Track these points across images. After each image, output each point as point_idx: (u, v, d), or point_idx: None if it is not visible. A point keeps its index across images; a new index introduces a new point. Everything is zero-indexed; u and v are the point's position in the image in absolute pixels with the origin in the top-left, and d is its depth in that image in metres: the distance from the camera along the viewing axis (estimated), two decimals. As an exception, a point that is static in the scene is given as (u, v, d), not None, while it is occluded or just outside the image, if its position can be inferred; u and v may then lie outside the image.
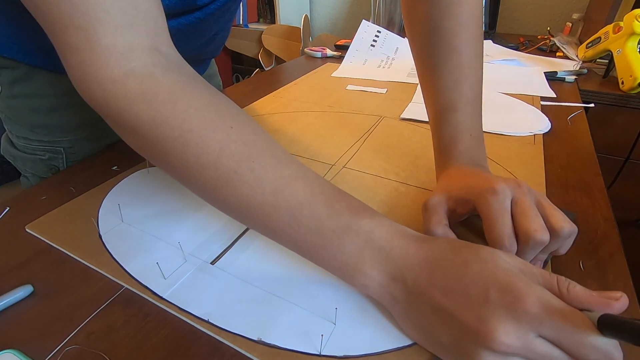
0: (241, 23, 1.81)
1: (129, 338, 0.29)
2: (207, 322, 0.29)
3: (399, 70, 0.93)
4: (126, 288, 0.33)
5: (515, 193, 0.30)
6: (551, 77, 0.86)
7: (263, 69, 1.81)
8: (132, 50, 0.27)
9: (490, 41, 1.14)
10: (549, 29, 1.20)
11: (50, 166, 0.54)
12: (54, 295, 0.32)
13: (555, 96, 0.75)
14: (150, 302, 0.31)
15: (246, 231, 0.38)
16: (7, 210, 0.42)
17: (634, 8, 0.92)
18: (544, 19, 1.40)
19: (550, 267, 0.34)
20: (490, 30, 1.31)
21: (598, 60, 0.98)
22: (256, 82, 0.85)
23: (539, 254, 0.30)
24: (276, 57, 1.79)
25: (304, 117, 0.66)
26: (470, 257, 0.26)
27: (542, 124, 0.62)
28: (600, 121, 0.90)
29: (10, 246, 0.37)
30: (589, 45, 0.94)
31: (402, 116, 0.65)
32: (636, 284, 0.33)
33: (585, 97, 0.85)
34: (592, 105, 0.78)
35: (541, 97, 0.74)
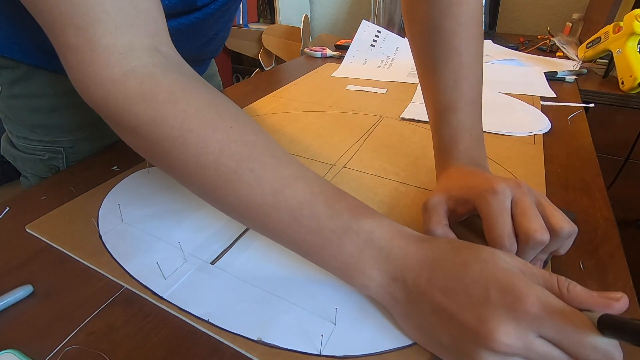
0: (241, 23, 1.81)
1: (129, 338, 0.29)
2: (207, 322, 0.29)
3: (399, 70, 0.93)
4: (126, 288, 0.33)
5: (515, 193, 0.30)
6: (551, 77, 0.86)
7: (263, 69, 1.81)
8: (132, 50, 0.27)
9: (490, 41, 1.14)
10: (549, 29, 1.20)
11: (50, 166, 0.54)
12: (54, 295, 0.32)
13: (555, 96, 0.75)
14: (150, 302, 0.31)
15: (246, 231, 0.38)
16: (7, 210, 0.42)
17: (634, 8, 0.92)
18: (544, 19, 1.40)
19: (550, 267, 0.34)
20: (490, 30, 1.31)
21: (598, 60, 0.98)
22: (256, 82, 0.85)
23: (539, 254, 0.30)
24: (276, 57, 1.79)
25: (304, 117, 0.66)
26: (471, 257, 0.26)
27: (542, 124, 0.62)
28: (600, 121, 0.90)
29: (10, 246, 0.37)
30: (589, 45, 0.94)
31: (402, 116, 0.65)
32: (636, 284, 0.33)
33: (585, 97, 0.85)
34: (592, 105, 0.78)
35: (541, 97, 0.74)
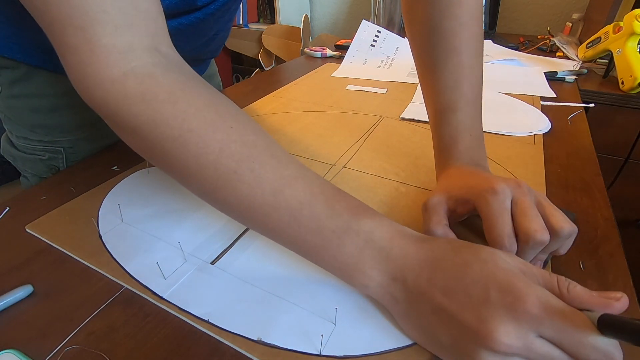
0: (241, 23, 1.81)
1: (129, 338, 0.29)
2: (207, 322, 0.29)
3: (399, 70, 0.93)
4: (126, 288, 0.33)
5: (515, 193, 0.30)
6: (551, 77, 0.86)
7: (263, 69, 1.81)
8: (131, 51, 0.27)
9: (490, 41, 1.14)
10: (549, 29, 1.20)
11: (50, 166, 0.54)
12: (54, 295, 0.32)
13: (555, 96, 0.75)
14: (150, 302, 0.31)
15: (246, 231, 0.38)
16: (7, 210, 0.42)
17: (634, 8, 0.92)
18: (544, 19, 1.40)
19: (550, 267, 0.34)
20: (490, 30, 1.31)
21: (598, 60, 0.98)
22: (256, 82, 0.85)
23: (539, 254, 0.30)
24: (276, 57, 1.79)
25: (304, 117, 0.66)
26: (471, 257, 0.26)
27: (542, 124, 0.62)
28: (600, 121, 0.90)
29: (10, 246, 0.37)
30: (589, 45, 0.94)
31: (402, 116, 0.65)
32: (636, 284, 0.33)
33: (585, 97, 0.85)
34: (592, 105, 0.78)
35: (541, 97, 0.74)
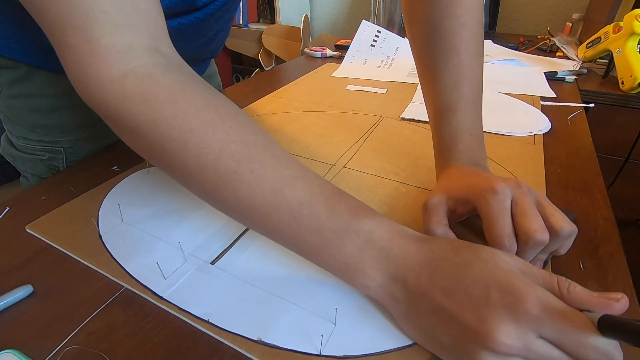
0: (241, 23, 1.81)
1: (129, 338, 0.29)
2: (207, 322, 0.29)
3: (399, 70, 0.93)
4: (126, 288, 0.33)
5: (515, 193, 0.30)
6: (551, 77, 0.86)
7: (263, 69, 1.81)
8: (131, 51, 0.27)
9: (490, 41, 1.14)
10: (549, 29, 1.20)
11: (50, 166, 0.54)
12: (54, 295, 0.32)
13: (555, 96, 0.75)
14: (150, 302, 0.31)
15: (246, 231, 0.38)
16: (7, 210, 0.42)
17: (634, 8, 0.92)
18: (544, 19, 1.40)
19: (550, 267, 0.34)
20: (490, 30, 1.30)
21: (598, 60, 0.98)
22: (256, 82, 0.85)
23: (539, 254, 0.30)
24: (276, 57, 1.79)
25: (304, 117, 0.66)
26: (471, 258, 0.26)
27: (542, 124, 0.62)
28: (600, 121, 0.90)
29: (10, 246, 0.37)
30: (589, 45, 0.94)
31: (402, 116, 0.65)
32: (636, 284, 0.33)
33: (585, 97, 0.85)
34: (592, 105, 0.78)
35: (541, 97, 0.74)
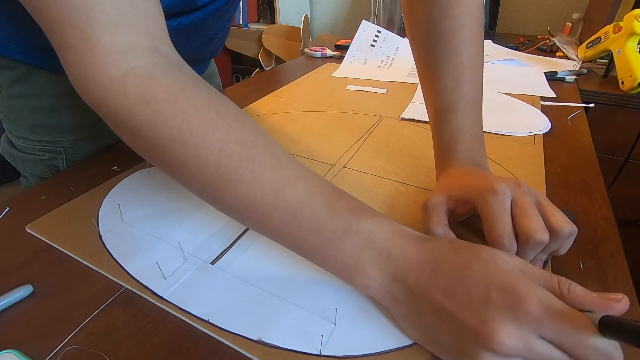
0: (241, 23, 1.81)
1: (129, 338, 0.29)
2: (207, 322, 0.29)
3: (399, 70, 0.93)
4: (126, 288, 0.33)
5: (515, 193, 0.30)
6: (551, 77, 0.86)
7: (263, 69, 1.81)
8: (131, 51, 0.27)
9: (490, 41, 1.14)
10: (549, 29, 1.20)
11: (50, 166, 0.54)
12: (54, 295, 0.32)
13: (555, 96, 0.75)
14: (150, 302, 0.31)
15: (246, 231, 0.38)
16: (7, 210, 0.42)
17: (634, 8, 0.92)
18: (544, 19, 1.40)
19: (550, 267, 0.34)
20: (490, 30, 1.30)
21: (598, 60, 0.98)
22: (256, 82, 0.85)
23: (539, 254, 0.30)
24: (276, 57, 1.79)
25: (304, 117, 0.66)
26: (471, 258, 0.26)
27: (542, 124, 0.62)
28: (600, 121, 0.90)
29: (10, 246, 0.37)
30: (589, 45, 0.94)
31: (402, 116, 0.65)
32: (636, 284, 0.33)
33: (585, 97, 0.85)
34: (592, 105, 0.78)
35: (541, 97, 0.74)
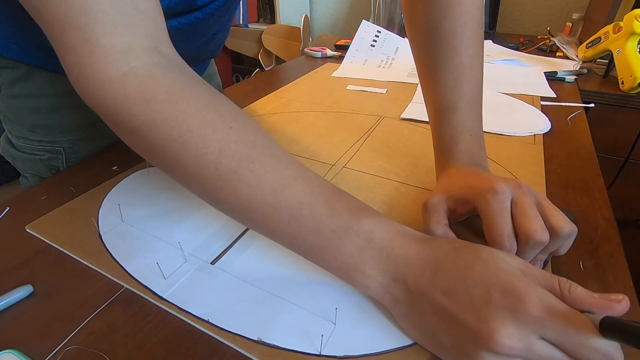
0: (241, 23, 1.81)
1: (129, 338, 0.29)
2: (207, 322, 0.29)
3: (399, 70, 0.93)
4: (126, 288, 0.33)
5: (515, 193, 0.30)
6: (551, 77, 0.86)
7: (263, 69, 1.81)
8: (131, 51, 0.27)
9: (490, 41, 1.14)
10: (549, 29, 1.20)
11: (50, 166, 0.54)
12: (54, 295, 0.32)
13: (555, 96, 0.75)
14: (150, 302, 0.31)
15: (246, 231, 0.38)
16: (7, 210, 0.42)
17: (634, 8, 0.92)
18: (544, 19, 1.40)
19: (550, 267, 0.34)
20: (490, 30, 1.30)
21: (598, 60, 0.98)
22: (256, 82, 0.85)
23: (539, 254, 0.30)
24: (276, 57, 1.79)
25: (304, 117, 0.66)
26: (472, 258, 0.26)
27: (542, 124, 0.62)
28: (600, 121, 0.90)
29: (10, 246, 0.37)
30: (589, 45, 0.94)
31: (402, 116, 0.65)
32: (636, 284, 0.33)
33: (585, 97, 0.85)
34: (592, 105, 0.78)
35: (541, 97, 0.74)
